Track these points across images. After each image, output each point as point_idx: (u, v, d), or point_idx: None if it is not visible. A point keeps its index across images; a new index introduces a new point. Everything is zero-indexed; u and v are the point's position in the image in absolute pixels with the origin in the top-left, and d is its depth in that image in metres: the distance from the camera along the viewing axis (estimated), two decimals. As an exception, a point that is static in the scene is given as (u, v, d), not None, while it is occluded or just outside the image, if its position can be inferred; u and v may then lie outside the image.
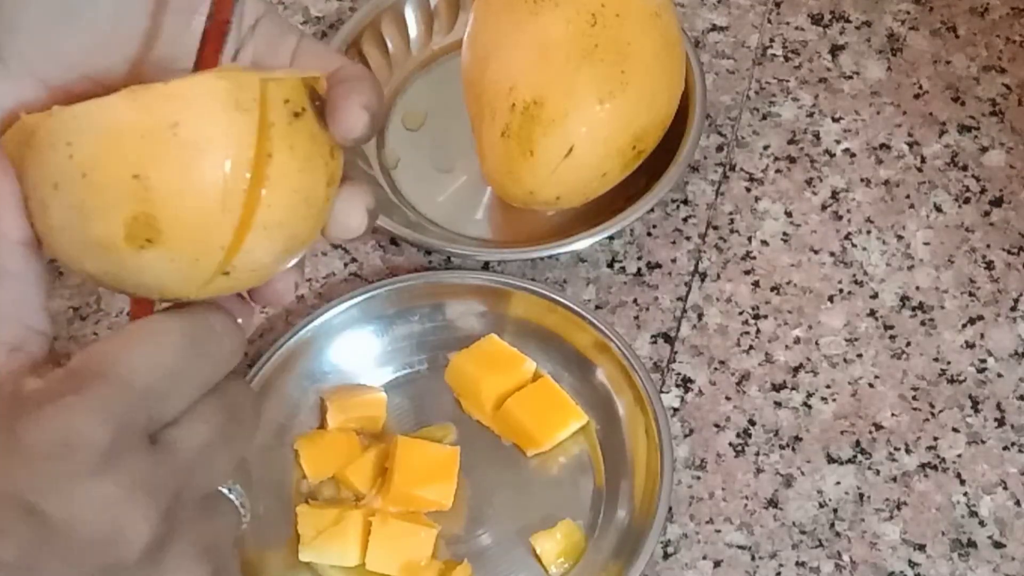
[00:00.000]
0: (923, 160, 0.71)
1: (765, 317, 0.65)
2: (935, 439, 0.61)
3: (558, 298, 0.63)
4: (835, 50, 0.75)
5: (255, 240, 0.35)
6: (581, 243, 0.65)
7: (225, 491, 0.38)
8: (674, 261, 0.68)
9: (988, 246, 0.67)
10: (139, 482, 0.33)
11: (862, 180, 0.70)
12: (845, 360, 0.64)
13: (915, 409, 0.62)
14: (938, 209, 0.69)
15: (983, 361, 0.64)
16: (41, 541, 0.32)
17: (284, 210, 0.35)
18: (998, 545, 0.58)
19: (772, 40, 0.76)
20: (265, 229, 0.35)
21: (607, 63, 0.62)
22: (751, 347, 0.64)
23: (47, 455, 0.32)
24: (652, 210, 0.68)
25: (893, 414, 0.62)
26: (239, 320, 0.38)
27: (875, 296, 0.66)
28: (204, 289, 0.36)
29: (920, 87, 0.74)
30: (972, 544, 0.58)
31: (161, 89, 0.33)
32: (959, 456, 0.61)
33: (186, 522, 0.35)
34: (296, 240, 0.37)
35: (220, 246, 0.34)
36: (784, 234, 0.68)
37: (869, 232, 0.68)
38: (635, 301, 0.66)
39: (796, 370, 0.64)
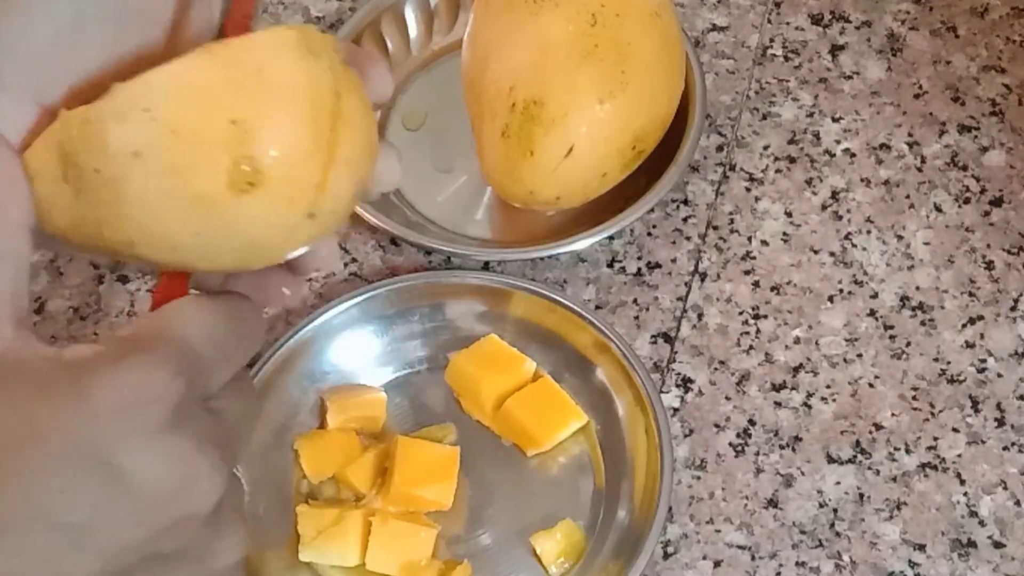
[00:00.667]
0: (923, 160, 0.71)
1: (765, 317, 0.65)
2: (935, 439, 0.61)
3: (558, 298, 0.63)
4: (835, 50, 0.75)
5: (337, 177, 0.35)
6: (581, 243, 0.65)
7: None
8: (674, 261, 0.68)
9: (988, 246, 0.67)
10: (207, 437, 0.34)
11: (862, 180, 0.70)
12: (845, 360, 0.64)
13: (915, 409, 0.62)
14: (938, 209, 0.69)
15: (983, 361, 0.64)
16: (113, 497, 0.32)
17: (355, 147, 0.36)
18: (998, 545, 0.58)
19: (772, 40, 0.76)
20: (345, 165, 0.35)
21: (607, 63, 0.62)
22: (751, 347, 0.64)
23: (120, 410, 0.32)
24: (652, 210, 0.68)
25: (893, 414, 0.62)
26: (286, 291, 0.40)
27: (875, 296, 0.66)
28: (292, 236, 0.36)
29: (920, 87, 0.74)
30: (972, 544, 0.58)
31: (234, 43, 0.34)
32: (959, 456, 0.61)
33: (231, 485, 0.36)
34: (362, 182, 0.37)
35: (313, 184, 0.35)
36: (784, 234, 0.68)
37: (869, 232, 0.68)
38: (635, 301, 0.66)
39: (796, 370, 0.64)
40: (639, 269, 0.67)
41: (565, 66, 0.62)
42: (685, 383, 0.63)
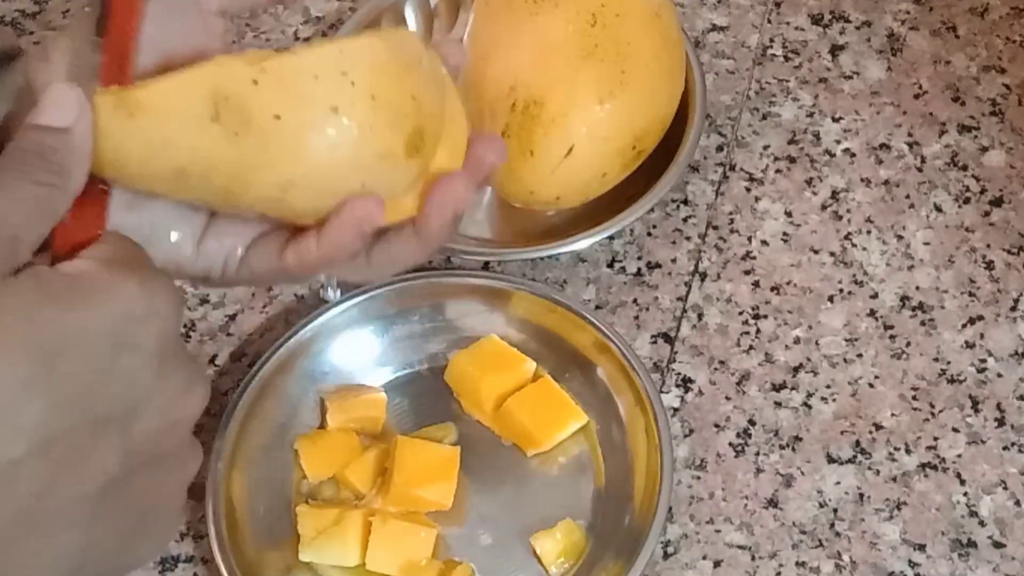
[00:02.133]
0: (923, 160, 0.71)
1: (765, 317, 0.65)
2: (935, 439, 0.61)
3: (558, 298, 0.63)
4: (835, 50, 0.75)
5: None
6: (581, 243, 0.65)
7: None
8: (674, 261, 0.68)
9: (988, 246, 0.67)
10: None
11: (862, 180, 0.70)
12: (845, 360, 0.64)
13: (915, 409, 0.62)
14: (938, 209, 0.69)
15: (983, 361, 0.64)
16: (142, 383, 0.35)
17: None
18: (998, 545, 0.58)
19: (772, 40, 0.76)
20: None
21: (607, 63, 0.62)
22: (751, 347, 0.64)
23: (136, 316, 0.35)
24: (652, 210, 0.68)
25: (893, 414, 0.62)
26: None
27: (875, 296, 0.66)
28: (412, 188, 0.42)
29: (920, 87, 0.74)
30: (972, 544, 0.58)
31: (390, 33, 0.40)
32: (959, 456, 0.61)
33: None
34: None
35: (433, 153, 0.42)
36: (784, 234, 0.68)
37: (869, 232, 0.68)
38: (635, 301, 0.66)
39: (796, 370, 0.64)
40: (639, 269, 0.67)
41: (565, 66, 0.62)
42: (685, 383, 0.63)
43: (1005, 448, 0.61)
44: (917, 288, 0.66)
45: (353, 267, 0.43)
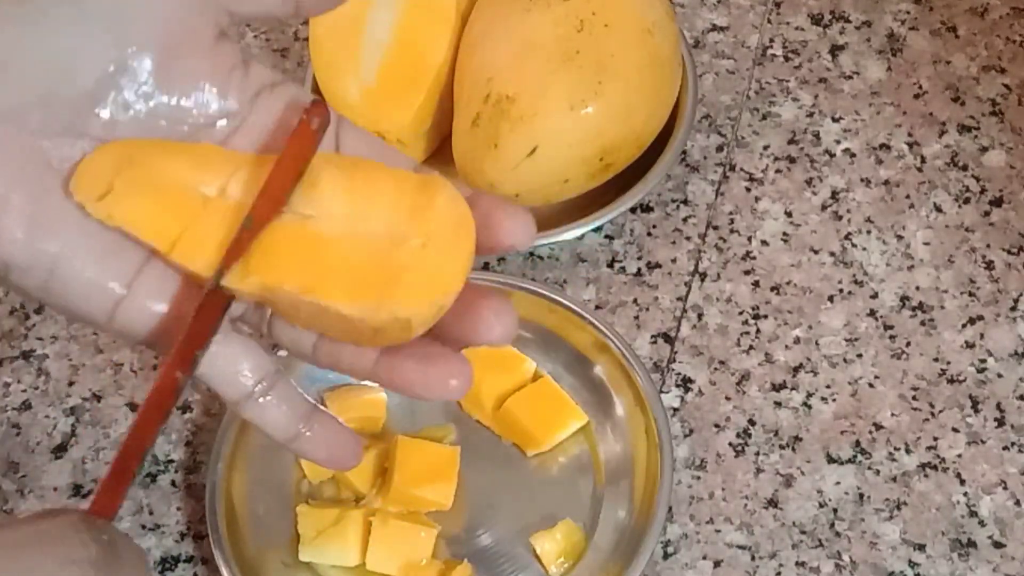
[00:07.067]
0: (923, 160, 0.71)
1: (765, 317, 0.65)
2: (935, 439, 0.61)
3: (558, 298, 0.63)
4: (835, 50, 0.75)
5: None
6: (567, 234, 0.65)
7: None
8: (674, 261, 0.68)
9: (988, 246, 0.67)
10: None
11: (862, 180, 0.70)
12: (845, 360, 0.64)
13: (915, 409, 0.62)
14: (938, 209, 0.69)
15: (983, 361, 0.64)
16: None
17: None
18: (998, 545, 0.58)
19: (772, 40, 0.76)
20: None
21: (585, 71, 0.62)
22: (751, 347, 0.64)
23: None
24: (652, 210, 0.68)
25: (893, 414, 0.62)
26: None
27: (875, 296, 0.66)
28: None
29: (920, 87, 0.74)
30: (972, 544, 0.58)
31: None
32: (959, 456, 0.61)
33: None
34: None
35: None
36: (784, 234, 0.68)
37: (869, 232, 0.68)
38: (635, 301, 0.66)
39: (796, 370, 0.64)
40: (639, 269, 0.67)
41: (544, 67, 0.62)
42: (685, 383, 0.63)
43: (1005, 448, 0.61)
44: (917, 288, 0.66)
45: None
